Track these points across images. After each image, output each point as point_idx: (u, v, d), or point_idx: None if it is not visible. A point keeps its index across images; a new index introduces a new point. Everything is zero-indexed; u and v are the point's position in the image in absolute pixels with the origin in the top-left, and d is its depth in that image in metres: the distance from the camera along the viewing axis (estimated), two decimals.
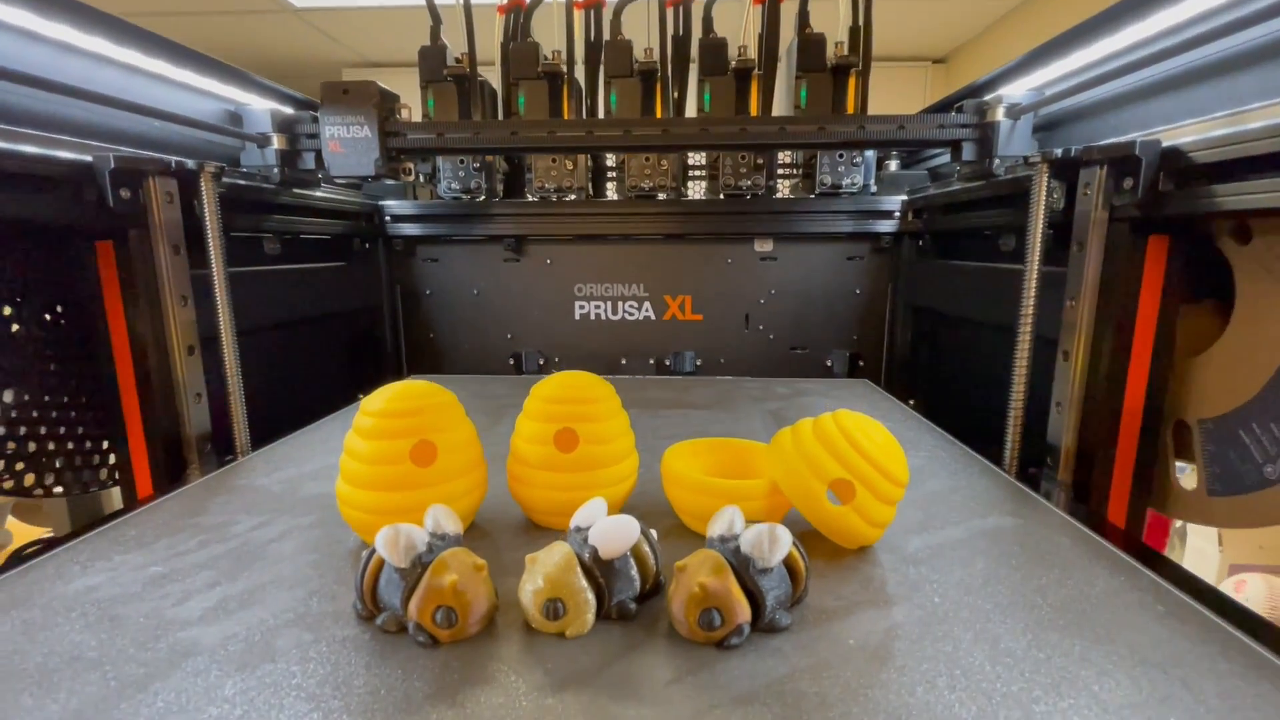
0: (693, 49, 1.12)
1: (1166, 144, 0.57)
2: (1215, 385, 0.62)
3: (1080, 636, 0.39)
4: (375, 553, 0.40)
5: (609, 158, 1.31)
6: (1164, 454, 0.67)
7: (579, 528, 0.43)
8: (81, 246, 0.70)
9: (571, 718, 0.33)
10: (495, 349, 1.32)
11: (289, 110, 0.97)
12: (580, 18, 1.11)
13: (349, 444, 0.50)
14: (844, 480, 0.47)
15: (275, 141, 0.93)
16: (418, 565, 0.39)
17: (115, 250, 0.69)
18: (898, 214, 1.19)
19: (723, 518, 0.43)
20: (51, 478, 0.70)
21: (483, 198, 1.24)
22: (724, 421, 0.87)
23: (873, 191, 1.21)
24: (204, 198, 0.72)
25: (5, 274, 0.67)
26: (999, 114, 0.84)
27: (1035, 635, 0.39)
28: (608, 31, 1.12)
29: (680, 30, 1.11)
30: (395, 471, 0.48)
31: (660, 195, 1.22)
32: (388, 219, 1.25)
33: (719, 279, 1.27)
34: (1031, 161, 0.67)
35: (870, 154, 1.19)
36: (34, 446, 0.68)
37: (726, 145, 1.07)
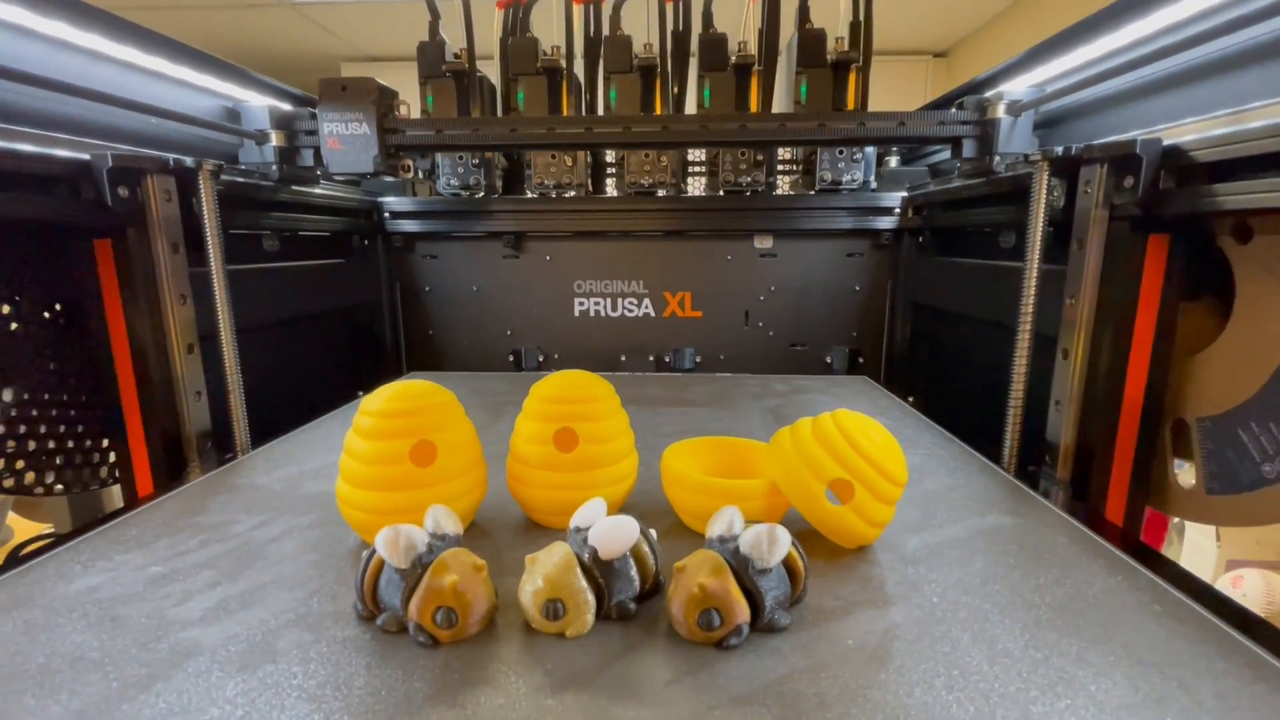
0: (693, 44, 1.12)
1: (1167, 142, 0.57)
2: (1214, 384, 0.62)
3: (1078, 636, 0.39)
4: (375, 553, 0.40)
5: (609, 154, 1.30)
6: (1163, 452, 0.67)
7: (578, 528, 0.43)
8: (80, 245, 0.70)
9: (571, 718, 0.33)
10: (495, 346, 1.32)
11: (287, 107, 0.97)
12: (579, 13, 1.10)
13: (348, 444, 0.50)
14: (843, 480, 0.47)
15: (274, 138, 0.92)
16: (418, 566, 0.39)
17: (114, 248, 0.69)
18: (898, 211, 1.19)
19: (722, 518, 0.43)
20: (51, 476, 0.70)
21: (482, 194, 1.23)
22: (723, 419, 0.87)
23: (873, 188, 1.20)
24: (202, 195, 0.72)
25: (4, 273, 0.67)
26: (1000, 111, 0.84)
27: (1033, 635, 0.39)
28: (607, 27, 1.11)
29: (680, 25, 1.10)
30: (395, 471, 0.48)
31: (660, 191, 1.22)
32: (387, 216, 1.25)
33: (718, 276, 1.27)
34: (1032, 159, 0.67)
35: (870, 150, 1.18)
36: (34, 445, 0.68)
37: (726, 142, 1.07)
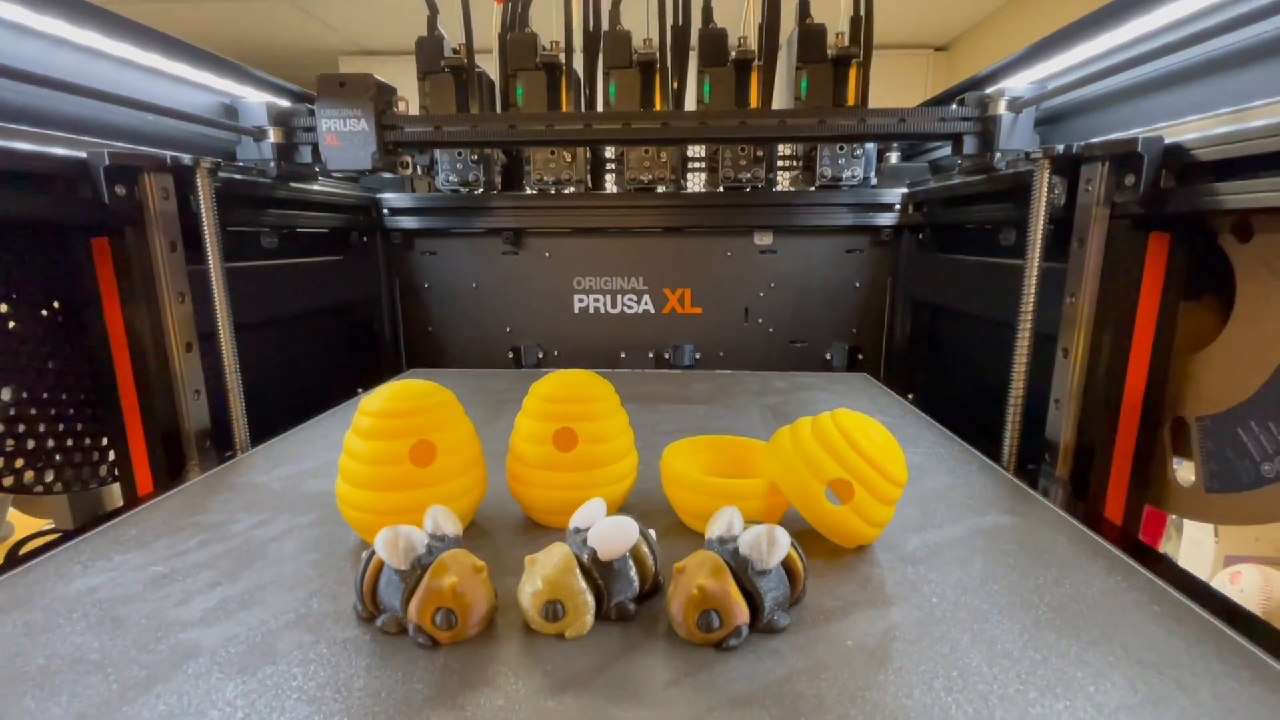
0: (692, 39, 1.11)
1: (1169, 141, 0.57)
2: (1214, 383, 0.62)
3: (1077, 637, 0.39)
4: (375, 554, 0.40)
5: (608, 150, 1.30)
6: (1162, 451, 0.67)
7: (578, 529, 0.43)
8: (77, 243, 0.69)
9: None
10: (494, 342, 1.32)
11: (285, 103, 0.96)
12: (579, 8, 1.10)
13: (348, 444, 0.50)
14: (843, 480, 0.47)
15: (271, 135, 0.92)
16: (417, 567, 0.39)
17: (111, 247, 0.69)
18: (898, 207, 1.19)
19: (721, 519, 0.43)
20: (51, 474, 0.70)
21: (481, 190, 1.23)
22: (723, 417, 0.87)
23: (873, 184, 1.20)
24: (200, 193, 0.72)
25: (1, 271, 0.67)
26: (1001, 107, 0.83)
27: (1032, 636, 0.39)
28: (606, 22, 1.11)
29: (680, 20, 1.10)
30: (394, 472, 0.48)
31: (659, 188, 1.21)
32: (385, 212, 1.24)
33: (718, 272, 1.27)
34: (1033, 157, 0.67)
35: (871, 146, 1.18)
36: (33, 444, 0.68)
37: (726, 139, 1.07)
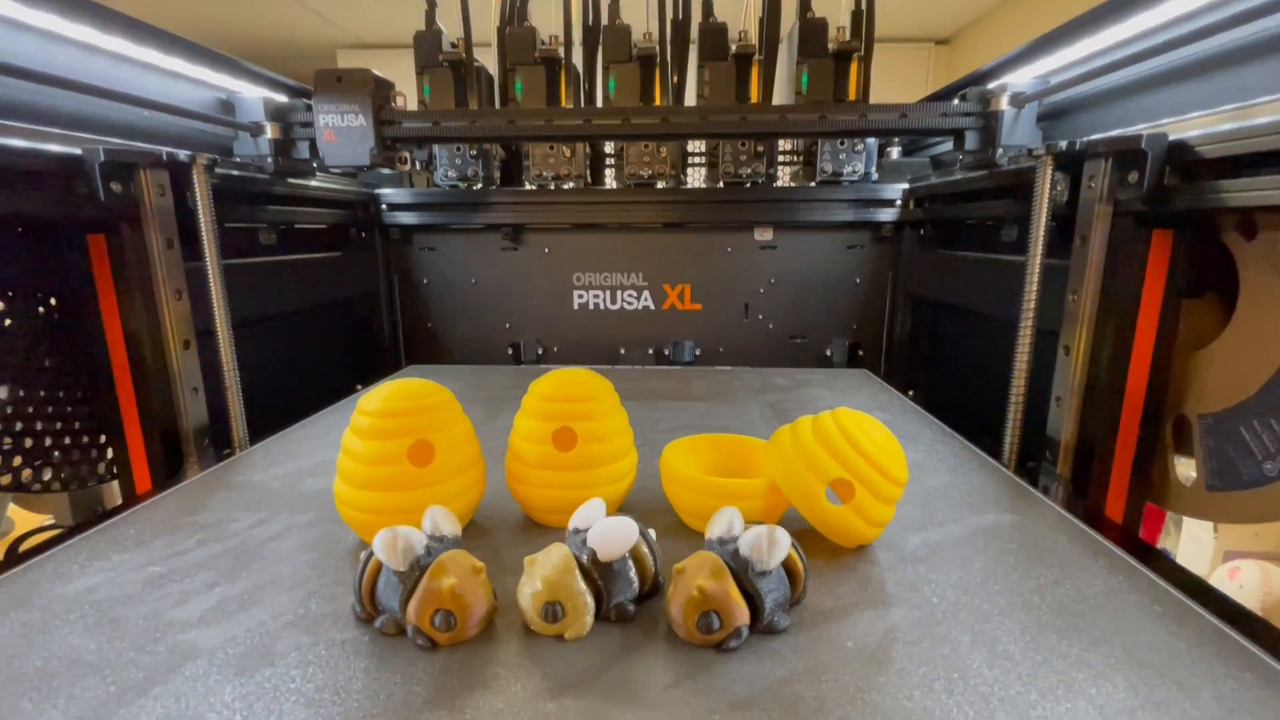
0: (693, 33, 1.10)
1: (1173, 137, 0.57)
2: (1216, 381, 0.61)
3: (1078, 638, 0.39)
4: (373, 555, 0.40)
5: (608, 145, 1.29)
6: (1163, 449, 0.67)
7: (577, 529, 0.43)
8: (73, 240, 0.69)
9: None
10: (493, 339, 1.31)
11: (282, 98, 0.96)
12: (578, 1, 1.09)
13: (346, 443, 0.50)
14: (843, 480, 0.47)
15: (269, 130, 0.91)
16: (416, 568, 0.39)
17: (107, 244, 0.69)
18: (899, 203, 1.18)
19: (721, 519, 0.42)
20: (49, 473, 0.70)
21: (480, 185, 1.22)
22: (723, 415, 0.87)
23: (874, 180, 1.19)
24: (196, 190, 0.71)
25: None
26: (1003, 103, 0.83)
27: (1033, 637, 0.39)
28: (606, 16, 1.10)
29: (680, 14, 1.09)
30: (393, 471, 0.48)
31: (659, 183, 1.20)
32: (384, 208, 1.24)
33: (718, 268, 1.26)
34: (1036, 154, 0.67)
35: (872, 141, 1.17)
36: (30, 442, 0.68)
37: (726, 134, 1.06)
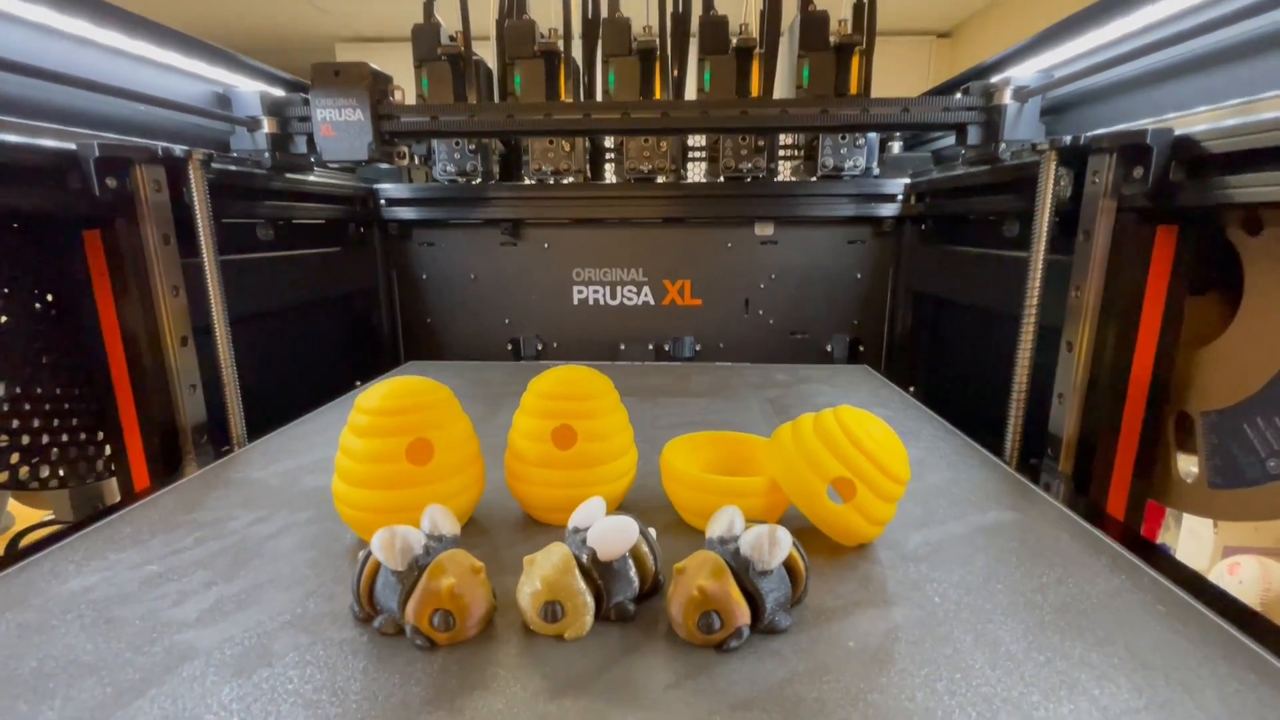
0: (693, 26, 1.09)
1: (1179, 132, 0.56)
2: (1220, 378, 0.61)
3: (1080, 638, 0.39)
4: (372, 554, 0.40)
5: (607, 140, 1.28)
6: (1166, 446, 0.67)
7: (577, 528, 0.42)
8: (69, 236, 0.68)
9: None
10: (493, 334, 1.31)
11: (279, 92, 0.95)
12: None
13: (344, 442, 0.49)
14: (845, 478, 0.47)
15: (266, 125, 0.90)
16: (414, 568, 0.39)
17: (103, 239, 0.68)
18: (900, 198, 1.17)
19: (722, 518, 0.42)
20: (46, 470, 0.70)
21: (479, 180, 1.21)
22: (723, 411, 0.86)
23: (875, 174, 1.19)
24: (193, 185, 0.71)
25: None
26: (1006, 97, 0.82)
27: (1035, 637, 0.39)
28: (605, 9, 1.09)
29: (680, 7, 1.08)
30: (391, 470, 0.47)
31: (659, 178, 1.20)
32: (383, 203, 1.23)
33: (719, 263, 1.26)
34: (1039, 148, 0.66)
35: (873, 136, 1.16)
36: (27, 439, 0.68)
37: (727, 128, 1.05)
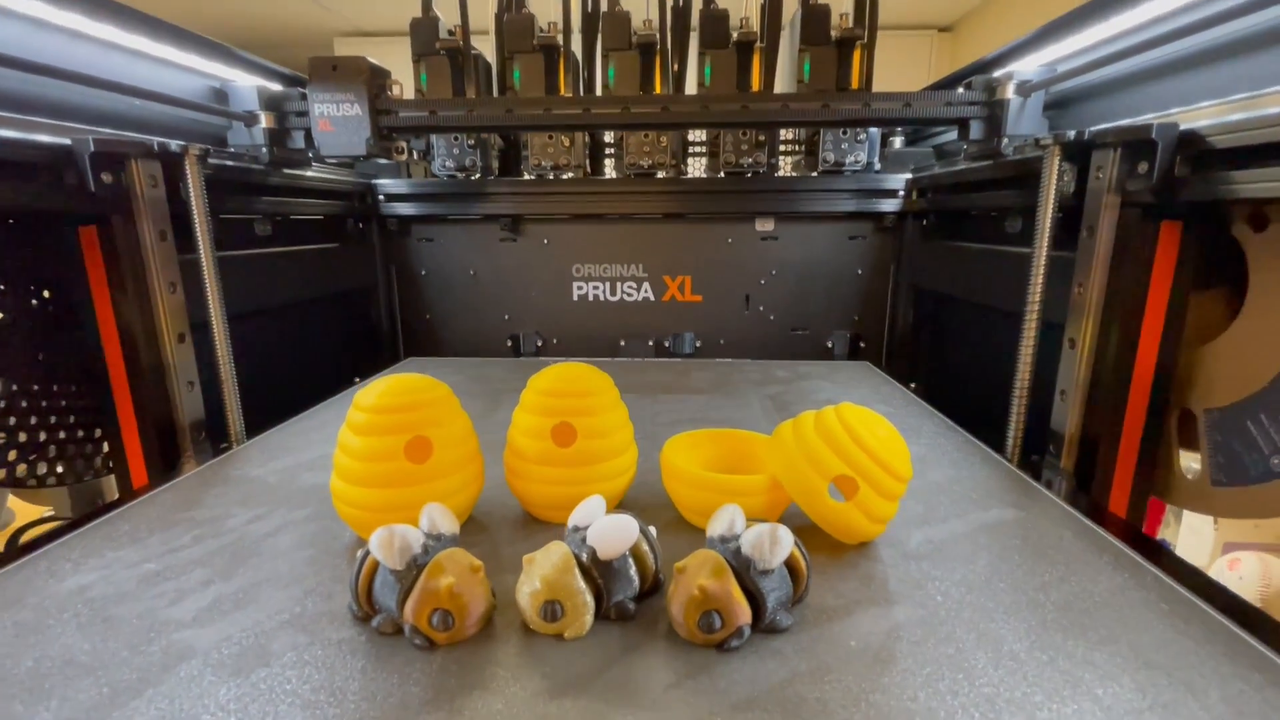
0: (693, 20, 1.08)
1: (1184, 127, 0.55)
2: (1224, 374, 0.61)
3: (1083, 637, 0.39)
4: (370, 553, 0.39)
5: (607, 135, 1.28)
6: (1168, 443, 0.66)
7: (577, 527, 0.42)
8: (64, 232, 0.68)
9: None
10: (492, 330, 1.31)
11: (276, 87, 0.94)
12: None
13: (342, 439, 0.49)
14: (846, 476, 0.47)
15: (263, 120, 0.90)
16: (413, 567, 0.39)
17: (99, 236, 0.68)
18: (902, 193, 1.17)
19: (723, 517, 0.42)
20: (44, 467, 0.69)
21: (478, 176, 1.21)
22: (723, 408, 0.86)
23: (876, 169, 1.18)
24: (189, 180, 0.70)
25: None
26: (1009, 91, 0.81)
27: (1038, 636, 0.39)
28: (605, 2, 1.08)
29: (680, 1, 1.07)
30: (390, 468, 0.47)
31: (659, 173, 1.19)
32: (381, 198, 1.22)
33: (719, 259, 1.25)
34: (1043, 143, 0.65)
35: (875, 131, 1.16)
36: (24, 436, 0.68)
37: (728, 123, 1.05)
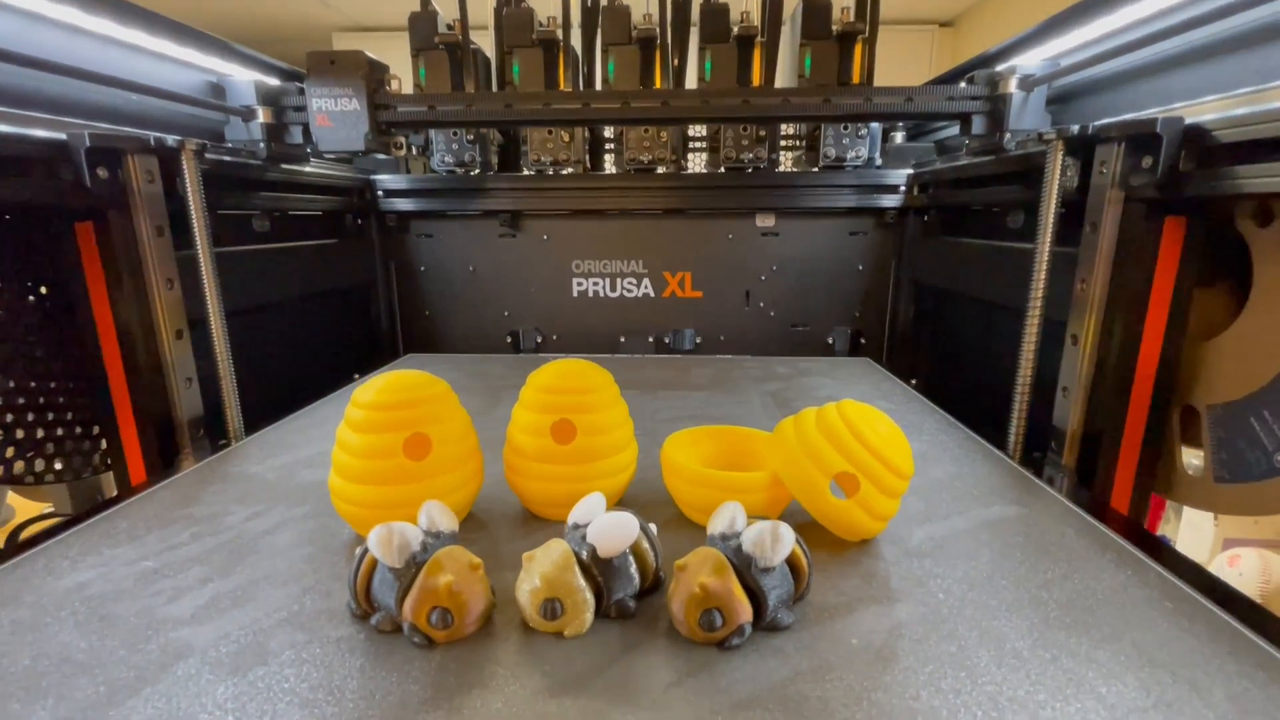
0: (694, 14, 1.08)
1: (1189, 121, 0.55)
2: (1227, 371, 0.60)
3: (1086, 635, 0.38)
4: (368, 551, 0.39)
5: (607, 130, 1.27)
6: (1170, 439, 0.66)
7: (577, 524, 0.42)
8: (60, 228, 0.67)
9: None
10: (492, 327, 1.30)
11: (274, 82, 0.94)
12: None
13: (341, 437, 0.49)
14: (848, 473, 0.46)
15: (261, 115, 0.89)
16: (412, 565, 0.38)
17: (96, 231, 0.67)
18: (903, 189, 1.16)
19: (724, 514, 0.42)
20: (41, 464, 0.69)
21: (477, 171, 1.20)
22: (724, 404, 0.86)
23: (878, 165, 1.18)
24: (186, 176, 0.70)
25: None
26: (1011, 86, 0.81)
27: (1041, 634, 0.38)
28: None
29: None
30: (388, 466, 0.47)
31: (659, 168, 1.19)
32: (380, 194, 1.22)
33: (719, 255, 1.25)
34: (1046, 138, 0.65)
35: (876, 126, 1.15)
36: (21, 433, 0.67)
37: (728, 118, 1.04)
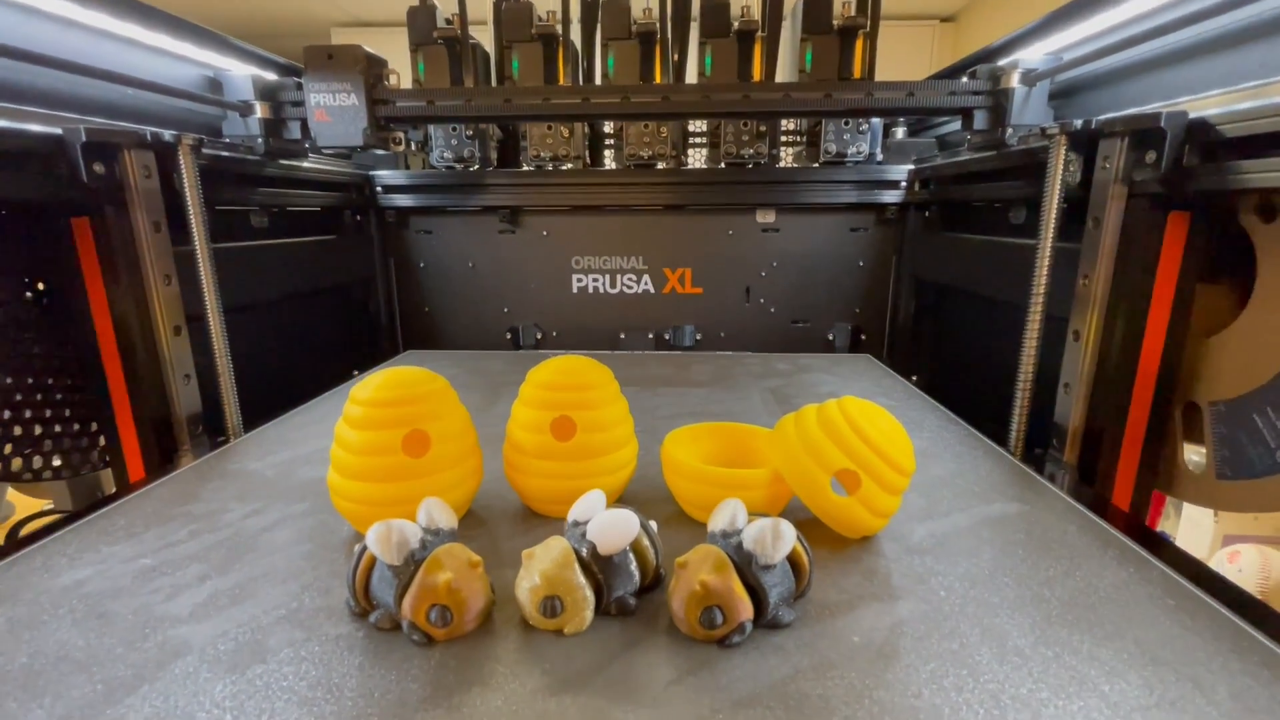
0: (693, 9, 1.07)
1: (1193, 116, 0.55)
2: (1230, 367, 0.60)
3: (1089, 633, 0.38)
4: (367, 548, 0.39)
5: (607, 125, 1.26)
6: (1173, 436, 0.66)
7: (577, 522, 0.42)
8: (57, 223, 0.67)
9: None
10: (491, 323, 1.30)
11: (272, 76, 0.93)
12: None
13: (339, 433, 0.48)
14: (849, 470, 0.46)
15: (258, 110, 0.89)
16: (411, 563, 0.38)
17: (93, 227, 0.67)
18: (904, 184, 1.16)
19: (724, 511, 0.41)
20: (40, 461, 0.69)
21: (476, 167, 1.20)
22: (724, 401, 0.85)
23: (878, 160, 1.17)
24: (183, 171, 0.69)
25: None
26: (1014, 80, 0.80)
27: (1043, 632, 0.38)
28: None
29: None
30: (387, 463, 0.47)
31: (660, 164, 1.18)
32: (379, 190, 1.21)
33: (720, 251, 1.24)
34: (1049, 133, 0.65)
35: (877, 121, 1.15)
36: (19, 430, 0.67)
37: (729, 113, 1.03)
